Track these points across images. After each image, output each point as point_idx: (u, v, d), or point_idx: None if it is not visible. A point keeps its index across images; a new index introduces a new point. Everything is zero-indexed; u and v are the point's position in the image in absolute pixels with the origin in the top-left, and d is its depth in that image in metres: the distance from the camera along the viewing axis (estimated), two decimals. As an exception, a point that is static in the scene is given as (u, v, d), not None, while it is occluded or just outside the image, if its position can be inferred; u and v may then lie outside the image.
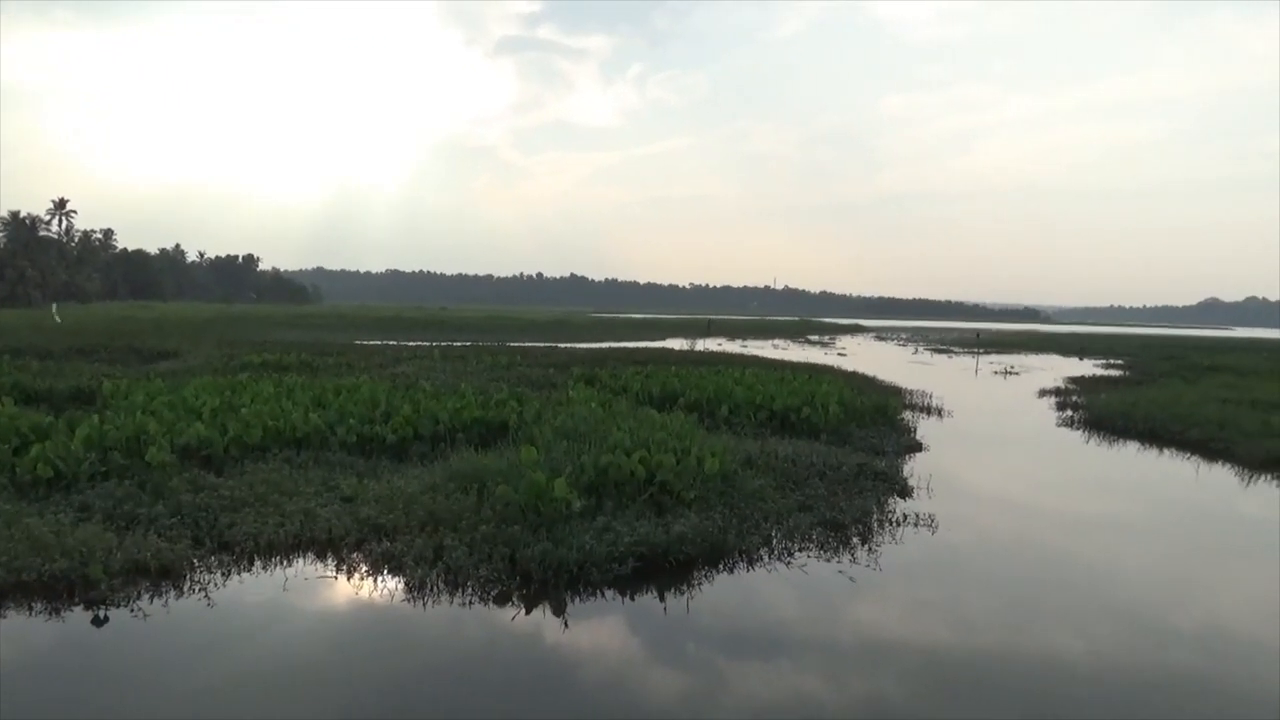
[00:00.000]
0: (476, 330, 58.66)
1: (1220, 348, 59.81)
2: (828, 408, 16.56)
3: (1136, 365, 41.88)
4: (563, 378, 22.40)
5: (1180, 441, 17.93)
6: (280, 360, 24.80)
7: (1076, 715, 6.06)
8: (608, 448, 10.50)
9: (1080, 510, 12.73)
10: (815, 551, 9.12)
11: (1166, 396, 24.12)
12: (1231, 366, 38.75)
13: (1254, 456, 15.86)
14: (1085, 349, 57.73)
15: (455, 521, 8.62)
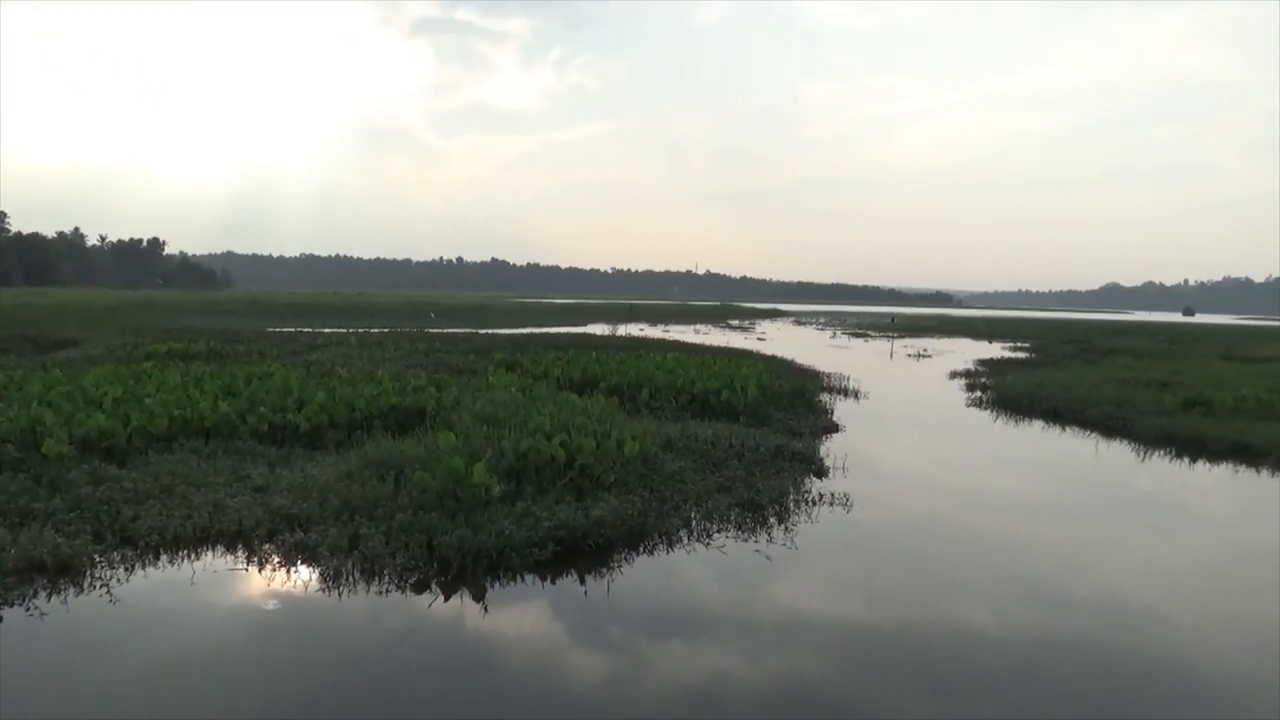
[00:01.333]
0: (395, 316, 57.60)
1: (1120, 331, 62.57)
2: (747, 391, 16.77)
3: (1042, 348, 43.53)
4: (483, 363, 22.20)
5: (1081, 420, 18.71)
6: (188, 348, 23.99)
7: (984, 681, 6.29)
8: (528, 432, 10.46)
9: (988, 487, 13.19)
10: (733, 532, 9.25)
11: (1069, 377, 25.15)
12: (1129, 349, 40.60)
13: (1148, 433, 16.65)
14: (994, 332, 59.72)
15: (371, 509, 8.48)
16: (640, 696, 5.92)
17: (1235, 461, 14.56)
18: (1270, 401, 18.83)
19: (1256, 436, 15.42)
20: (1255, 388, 20.55)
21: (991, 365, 32.51)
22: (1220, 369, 28.70)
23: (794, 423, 15.79)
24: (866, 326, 69.55)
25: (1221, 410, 18.28)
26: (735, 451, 12.14)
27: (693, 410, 15.94)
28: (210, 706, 5.52)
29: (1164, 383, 23.13)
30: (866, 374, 27.26)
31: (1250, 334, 65.55)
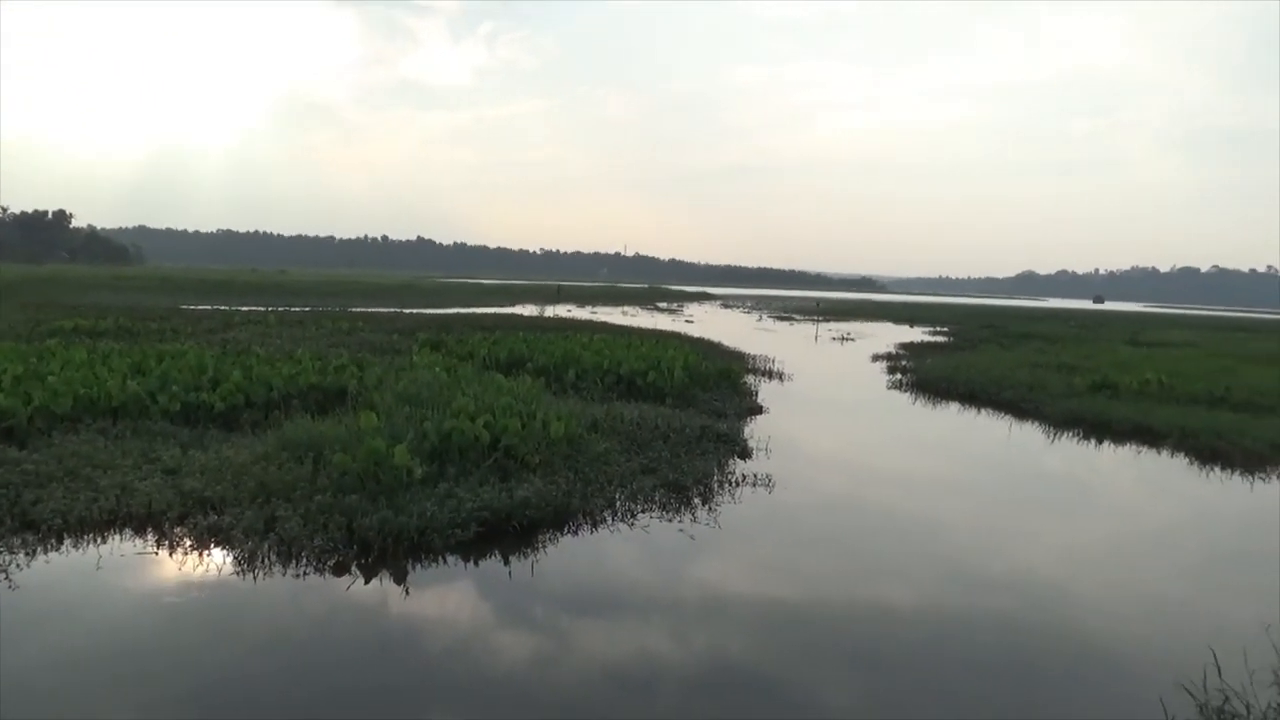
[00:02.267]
0: (317, 294, 56.27)
1: (1034, 317, 64.73)
2: (673, 372, 16.85)
3: (960, 333, 44.76)
4: (407, 343, 21.86)
5: (996, 402, 19.31)
6: (95, 325, 23.08)
7: (902, 655, 6.47)
8: (452, 413, 10.33)
9: (906, 468, 13.53)
10: (658, 512, 9.31)
11: (985, 361, 25.93)
12: (1043, 334, 42.06)
13: (1059, 415, 17.28)
14: (915, 317, 61.13)
15: (289, 492, 8.28)
16: (565, 676, 5.92)
17: (1138, 442, 15.21)
18: (1171, 385, 19.70)
19: (1157, 418, 16.12)
20: (1158, 372, 21.46)
21: (912, 349, 33.29)
22: (1126, 354, 29.92)
23: (719, 404, 15.94)
24: (793, 310, 70.52)
25: (1126, 393, 19.07)
26: (661, 433, 12.20)
27: (619, 392, 15.95)
28: (119, 696, 5.34)
29: (1074, 367, 24.02)
30: (791, 357, 27.65)
31: (1155, 321, 68.49)
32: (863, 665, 6.31)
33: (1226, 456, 13.83)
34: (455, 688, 5.67)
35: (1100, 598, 8.03)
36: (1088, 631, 7.20)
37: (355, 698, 5.46)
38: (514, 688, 5.68)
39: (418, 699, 5.50)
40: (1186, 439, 14.84)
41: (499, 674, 5.88)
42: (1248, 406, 17.91)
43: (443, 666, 5.97)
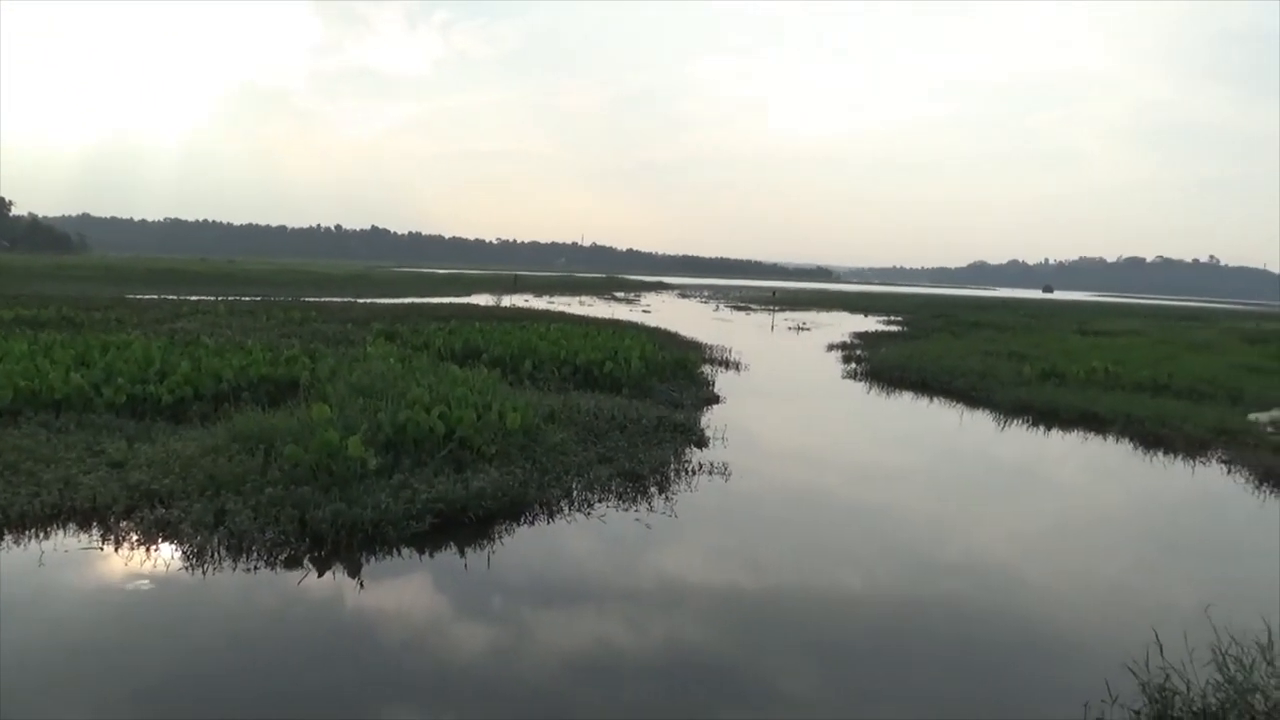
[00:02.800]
0: (268, 285, 55.32)
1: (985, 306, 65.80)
2: (630, 362, 16.85)
3: (913, 322, 45.35)
4: (361, 334, 21.60)
5: (948, 390, 19.60)
6: (37, 315, 22.49)
7: (857, 641, 6.55)
8: (406, 404, 10.22)
9: (861, 456, 13.69)
10: (615, 502, 9.31)
11: (937, 350, 26.31)
12: (993, 323, 42.76)
13: (1009, 403, 17.59)
14: (870, 307, 61.84)
15: (239, 484, 8.13)
16: (524, 667, 5.90)
17: (1085, 429, 15.55)
18: (1116, 373, 20.15)
19: (1103, 405, 16.49)
20: (1104, 360, 21.95)
21: (866, 338, 33.67)
22: (1074, 342, 30.54)
23: (676, 394, 15.98)
24: (749, 300, 70.87)
25: (1074, 381, 19.47)
26: (617, 423, 12.20)
27: (576, 382, 15.92)
28: (63, 696, 5.22)
29: (1023, 355, 24.46)
30: (748, 346, 27.80)
31: (1102, 310, 70.01)
32: (818, 651, 6.38)
33: (1169, 442, 14.19)
34: (412, 681, 5.62)
35: (1049, 581, 8.21)
36: (1038, 615, 7.36)
37: (310, 693, 5.39)
38: (472, 680, 5.66)
39: (374, 693, 5.45)
40: (1131, 425, 15.20)
41: (457, 666, 5.85)
42: (1190, 393, 18.39)
43: (399, 660, 5.91)
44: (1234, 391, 18.63)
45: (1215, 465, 12.95)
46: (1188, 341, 32.54)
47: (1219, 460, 13.16)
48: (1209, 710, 5.26)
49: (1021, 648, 6.69)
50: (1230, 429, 14.52)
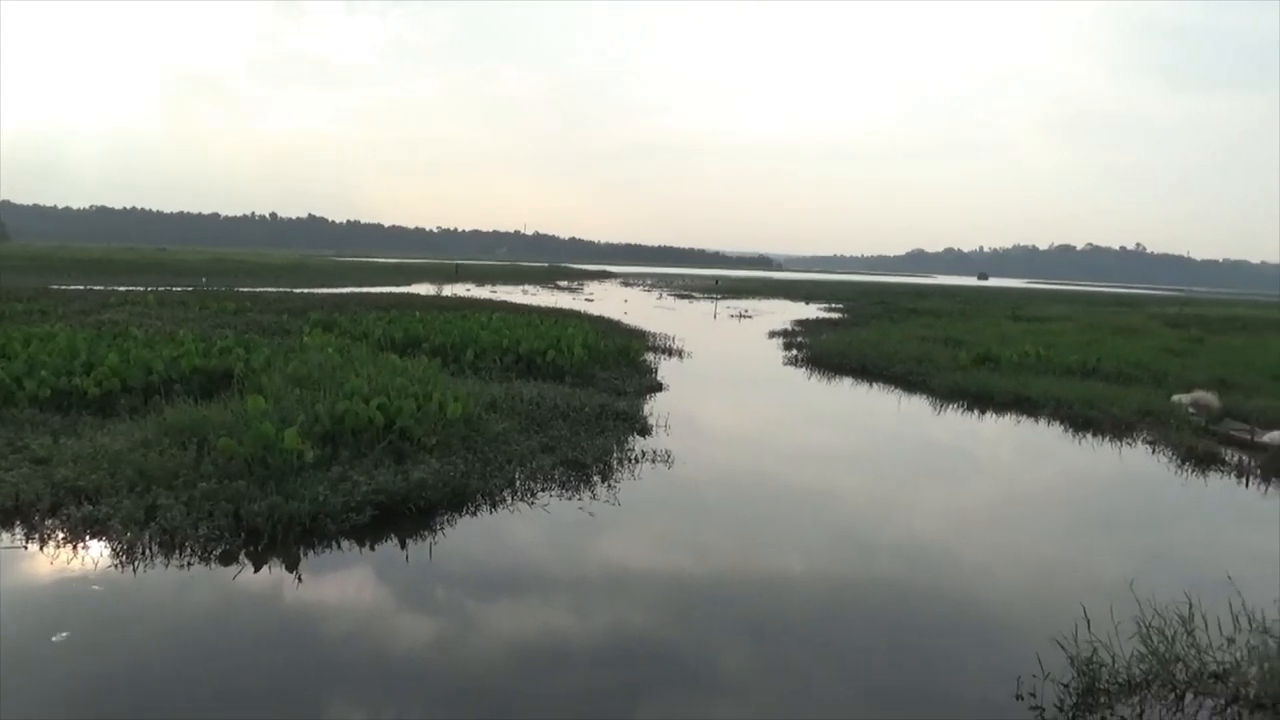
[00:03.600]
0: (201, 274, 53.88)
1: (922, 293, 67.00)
2: (573, 351, 16.82)
3: (853, 309, 46.03)
4: (298, 324, 21.18)
5: (886, 376, 19.94)
6: (-46, 307, 21.54)
7: (800, 623, 6.64)
8: (344, 395, 10.06)
9: (802, 441, 13.87)
10: (558, 491, 9.29)
11: (876, 336, 26.76)
12: (931, 309, 43.60)
13: (945, 388, 17.97)
14: (811, 295, 62.58)
15: (171, 479, 7.91)
16: (468, 657, 5.87)
17: (1017, 412, 15.96)
18: (1048, 357, 20.72)
19: (1035, 389, 16.93)
20: (1036, 345, 22.54)
21: (807, 325, 34.06)
22: (1008, 328, 31.31)
23: (619, 382, 15.99)
24: (692, 288, 71.14)
25: (1007, 365, 19.97)
26: (560, 411, 12.17)
27: (518, 371, 15.83)
28: (-18, 698, 5.04)
29: (959, 341, 25.01)
30: (690, 334, 27.92)
31: (1034, 296, 71.83)
32: (760, 632, 6.45)
33: (1097, 424, 14.64)
34: (355, 675, 5.55)
35: (984, 560, 8.43)
36: (973, 593, 7.56)
37: (249, 690, 5.29)
38: (416, 672, 5.60)
39: (315, 688, 5.38)
40: (1061, 408, 15.64)
41: (400, 659, 5.78)
42: (1117, 377, 18.99)
43: (341, 654, 5.83)
44: (1158, 374, 19.29)
45: (1140, 446, 13.40)
46: (1115, 326, 33.57)
47: (1144, 441, 13.62)
48: (1134, 681, 5.46)
49: (957, 625, 6.85)
50: (1154, 410, 15.03)
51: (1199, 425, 14.12)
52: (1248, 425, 13.57)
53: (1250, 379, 18.99)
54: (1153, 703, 5.31)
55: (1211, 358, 22.87)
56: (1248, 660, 5.51)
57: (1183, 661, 5.56)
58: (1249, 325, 37.61)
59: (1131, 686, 5.43)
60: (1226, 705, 5.28)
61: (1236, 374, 19.50)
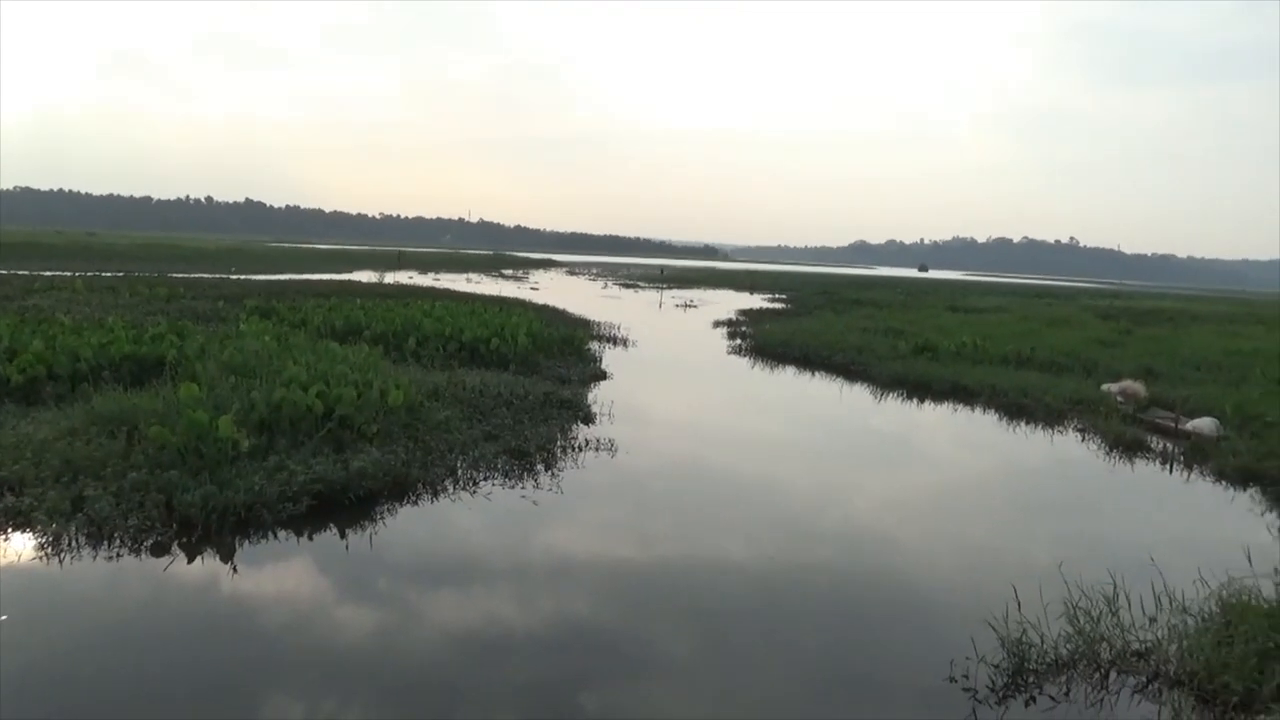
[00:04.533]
0: (132, 259, 52.31)
1: (864, 284, 67.97)
2: (517, 339, 16.73)
3: (797, 299, 46.51)
4: (235, 311, 20.69)
5: (829, 365, 20.21)
6: None
7: (740, 608, 6.70)
8: (282, 383, 9.87)
9: (745, 430, 13.98)
10: (501, 479, 9.24)
11: (819, 326, 27.08)
12: (873, 300, 44.25)
13: (885, 377, 18.27)
14: (756, 285, 62.95)
15: (99, 469, 7.68)
16: (410, 647, 5.81)
17: (954, 401, 16.30)
18: (984, 347, 21.18)
19: (971, 378, 17.31)
20: (973, 335, 23.03)
21: (751, 315, 34.31)
22: (946, 319, 31.93)
23: (563, 371, 15.95)
24: (638, 278, 71.15)
25: (945, 355, 20.37)
26: (504, 400, 12.10)
27: (461, 359, 15.69)
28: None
29: (900, 331, 25.43)
30: (636, 323, 27.95)
31: (973, 288, 73.29)
32: (703, 619, 6.50)
33: (1030, 412, 15.02)
34: (293, 667, 5.47)
35: (920, 545, 8.60)
36: (910, 578, 7.72)
37: (181, 684, 5.17)
38: (356, 663, 5.52)
39: (251, 681, 5.27)
40: (996, 397, 16.01)
41: (340, 650, 5.70)
42: (1050, 366, 19.50)
43: (279, 645, 5.73)
44: (1089, 364, 19.86)
45: (1071, 433, 13.78)
46: (1048, 318, 34.44)
47: (1074, 428, 14.01)
48: (1061, 661, 5.63)
49: (894, 609, 6.99)
50: (1085, 399, 15.47)
51: (1127, 413, 14.57)
52: (1172, 413, 14.03)
53: (1175, 369, 19.66)
54: (1079, 681, 5.49)
55: (1139, 348, 23.61)
56: (1168, 639, 5.73)
57: (1107, 641, 5.75)
58: (1174, 318, 38.92)
59: (1059, 666, 5.60)
60: (1148, 682, 5.48)
61: (1162, 364, 20.17)
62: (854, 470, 11.65)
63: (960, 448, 13.57)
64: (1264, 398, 15.07)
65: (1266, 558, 6.47)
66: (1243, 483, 10.87)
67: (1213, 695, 5.18)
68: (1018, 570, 7.32)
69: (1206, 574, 6.22)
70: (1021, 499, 10.75)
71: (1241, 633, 5.45)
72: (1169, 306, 48.53)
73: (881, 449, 13.16)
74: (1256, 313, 47.52)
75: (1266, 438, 12.12)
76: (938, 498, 10.48)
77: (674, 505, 9.45)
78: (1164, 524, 9.66)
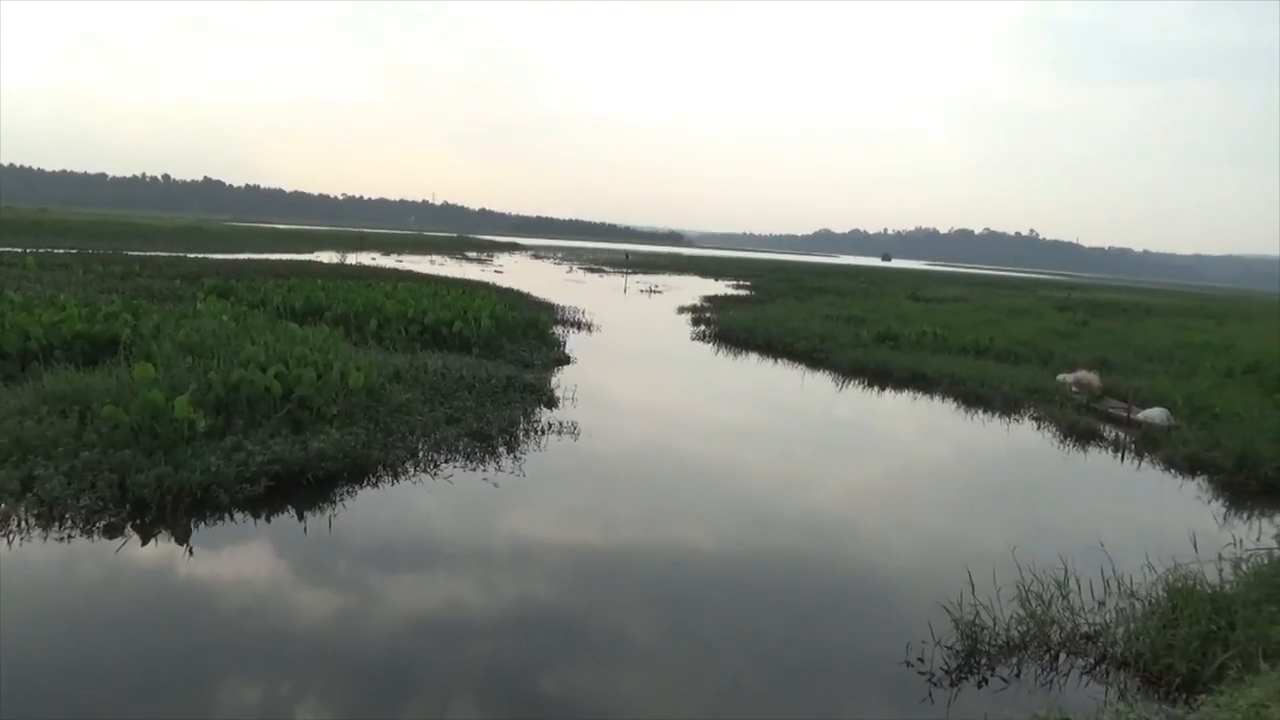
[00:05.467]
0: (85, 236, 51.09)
1: (828, 272, 68.44)
2: (480, 322, 16.62)
3: (761, 286, 46.68)
4: (192, 291, 20.33)
5: (791, 352, 20.35)
6: None
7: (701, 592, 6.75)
8: (240, 363, 9.72)
9: (708, 415, 14.04)
10: (462, 462, 9.20)
11: (782, 313, 27.22)
12: (836, 288, 44.54)
13: (846, 364, 18.44)
14: (720, 271, 63.10)
15: (50, 448, 7.51)
16: (369, 630, 5.77)
17: (914, 389, 16.50)
18: (944, 336, 21.45)
19: (930, 366, 17.53)
20: (933, 324, 23.31)
21: (716, 302, 34.41)
22: (907, 308, 32.26)
23: (527, 354, 15.89)
24: (603, 262, 70.95)
25: (906, 344, 20.59)
26: (466, 383, 12.03)
27: (424, 341, 15.56)
28: None
29: (861, 319, 25.67)
30: (600, 308, 27.89)
31: (934, 278, 74.10)
32: (663, 603, 6.54)
33: (988, 401, 15.26)
34: (250, 649, 5.40)
35: (879, 531, 8.72)
36: (869, 562, 7.82)
37: (135, 666, 5.10)
38: (314, 645, 5.48)
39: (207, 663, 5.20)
40: (955, 385, 16.24)
41: (298, 632, 5.64)
42: (1007, 355, 19.81)
43: (236, 627, 5.65)
44: (1045, 354, 20.21)
45: (1027, 422, 14.03)
46: (1007, 308, 34.95)
47: (1030, 417, 14.26)
48: (1013, 642, 5.75)
49: (853, 593, 7.09)
50: (1041, 388, 15.74)
51: (1081, 403, 14.86)
52: (1125, 403, 14.33)
53: (1129, 360, 20.07)
54: (1029, 662, 5.61)
55: (1094, 339, 24.06)
56: (1116, 622, 5.87)
57: (1058, 624, 5.87)
58: (1129, 310, 39.69)
59: (1010, 648, 5.72)
60: (1096, 664, 5.61)
61: (1116, 355, 20.58)
62: (815, 457, 11.75)
63: (919, 435, 13.75)
64: (1213, 389, 15.45)
65: (1212, 544, 6.64)
66: (1191, 471, 11.14)
67: (1158, 676, 5.32)
68: (973, 555, 7.43)
69: (1154, 559, 6.36)
70: (978, 486, 10.92)
71: (1186, 616, 5.60)
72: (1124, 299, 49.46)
73: (842, 436, 13.30)
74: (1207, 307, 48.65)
75: (1214, 428, 12.42)
76: (897, 484, 10.61)
77: (636, 490, 9.48)
78: (1114, 511, 9.87)
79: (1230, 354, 21.09)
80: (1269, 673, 4.68)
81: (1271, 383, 16.14)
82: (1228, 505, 9.97)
